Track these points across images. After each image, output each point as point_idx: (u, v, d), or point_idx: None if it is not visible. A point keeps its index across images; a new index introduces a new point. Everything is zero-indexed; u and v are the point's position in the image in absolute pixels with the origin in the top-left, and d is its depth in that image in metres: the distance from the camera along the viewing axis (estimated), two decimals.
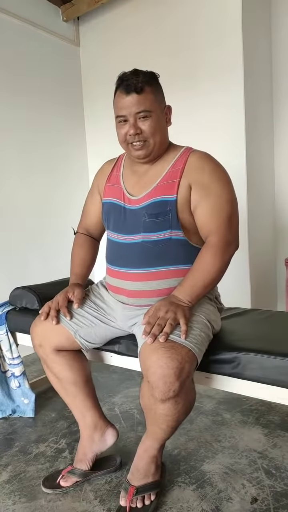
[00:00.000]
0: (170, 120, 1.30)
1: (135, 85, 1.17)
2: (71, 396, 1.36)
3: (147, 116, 1.19)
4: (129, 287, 1.28)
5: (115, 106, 1.24)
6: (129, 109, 1.19)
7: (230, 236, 1.19)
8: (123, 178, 1.34)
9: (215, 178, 1.21)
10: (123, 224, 1.29)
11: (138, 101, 1.18)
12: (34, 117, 2.76)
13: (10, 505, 1.29)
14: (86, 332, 1.31)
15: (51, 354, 1.31)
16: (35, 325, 1.33)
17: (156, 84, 1.24)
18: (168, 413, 1.06)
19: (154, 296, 1.25)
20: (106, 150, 1.36)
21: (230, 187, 1.23)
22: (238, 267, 2.51)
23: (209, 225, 1.19)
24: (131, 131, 1.20)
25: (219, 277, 1.20)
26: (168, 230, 1.21)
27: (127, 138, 1.23)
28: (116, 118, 1.24)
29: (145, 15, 2.75)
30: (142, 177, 1.29)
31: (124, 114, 1.20)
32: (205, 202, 1.19)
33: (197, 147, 1.30)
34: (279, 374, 1.10)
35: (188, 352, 1.03)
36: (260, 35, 2.58)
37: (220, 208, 1.19)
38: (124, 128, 1.22)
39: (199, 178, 1.20)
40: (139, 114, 1.19)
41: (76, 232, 1.53)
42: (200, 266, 1.18)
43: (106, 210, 1.36)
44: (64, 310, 1.29)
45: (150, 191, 1.25)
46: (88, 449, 1.38)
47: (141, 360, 1.08)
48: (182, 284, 1.18)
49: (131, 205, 1.28)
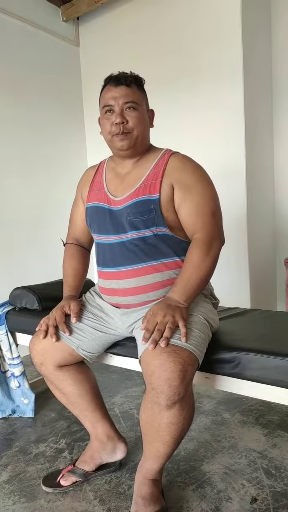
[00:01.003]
0: (153, 123, 1.35)
1: (124, 78, 1.23)
2: (79, 410, 1.35)
3: (133, 107, 1.23)
4: (123, 285, 1.27)
5: (102, 98, 1.27)
6: (117, 100, 1.22)
7: (215, 232, 1.22)
8: (106, 182, 1.35)
9: (197, 178, 1.24)
10: (109, 225, 1.29)
11: (126, 93, 1.22)
12: (34, 117, 2.77)
13: (10, 505, 1.29)
14: (88, 345, 1.30)
15: (54, 371, 1.29)
16: (34, 344, 1.29)
17: (142, 87, 1.30)
18: (173, 421, 1.04)
19: (149, 290, 1.25)
20: (106, 150, 1.36)
21: (211, 186, 1.26)
22: (238, 267, 2.51)
23: (195, 222, 1.22)
24: (117, 119, 1.22)
25: (210, 273, 1.21)
26: (153, 227, 1.23)
27: (112, 129, 1.25)
28: (103, 109, 1.26)
29: (145, 15, 2.75)
30: (124, 179, 1.31)
31: (112, 104, 1.23)
32: (189, 201, 1.22)
33: (196, 147, 1.32)
34: (279, 374, 1.10)
35: (190, 354, 1.03)
36: (260, 35, 2.58)
37: (204, 205, 1.22)
38: (110, 118, 1.24)
39: (182, 178, 1.23)
40: (126, 104, 1.22)
41: (65, 243, 1.51)
42: (191, 264, 1.19)
43: (90, 213, 1.36)
44: (62, 326, 1.26)
45: (133, 192, 1.26)
46: (97, 454, 1.38)
47: (143, 366, 1.06)
48: (176, 284, 1.18)
49: (115, 206, 1.29)
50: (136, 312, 1.28)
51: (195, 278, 1.17)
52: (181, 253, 1.26)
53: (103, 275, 1.35)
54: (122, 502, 1.26)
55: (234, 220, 2.44)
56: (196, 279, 1.17)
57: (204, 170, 1.28)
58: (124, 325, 1.31)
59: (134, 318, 1.28)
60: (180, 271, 1.21)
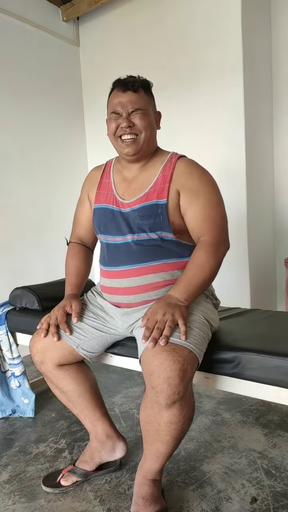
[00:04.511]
0: (159, 125, 1.36)
1: (132, 83, 1.24)
2: (79, 408, 1.35)
3: (140, 113, 1.25)
4: (125, 284, 1.28)
5: (110, 103, 1.30)
6: (125, 106, 1.24)
7: (222, 236, 1.23)
8: (115, 185, 1.36)
9: (204, 183, 1.26)
10: (116, 226, 1.30)
11: (133, 99, 1.24)
12: (34, 117, 2.76)
13: (10, 505, 1.29)
14: (88, 344, 1.30)
15: (54, 370, 1.29)
16: (34, 342, 1.29)
17: (150, 90, 1.31)
18: (173, 420, 1.04)
19: (150, 290, 1.26)
20: (106, 150, 1.37)
21: (217, 191, 1.28)
22: (238, 267, 2.51)
23: (201, 227, 1.23)
24: (123, 123, 1.24)
25: (213, 275, 1.21)
26: (159, 231, 1.25)
27: (118, 131, 1.26)
28: (110, 113, 1.28)
29: (145, 15, 2.75)
30: (131, 183, 1.32)
31: (119, 110, 1.25)
32: (196, 205, 1.23)
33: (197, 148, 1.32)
34: (279, 374, 1.10)
35: (190, 353, 1.03)
36: (260, 35, 2.58)
37: (210, 210, 1.23)
38: (117, 121, 1.26)
39: (188, 183, 1.25)
40: (133, 111, 1.24)
41: (69, 242, 1.52)
42: (195, 264, 1.19)
43: (97, 214, 1.37)
44: (63, 326, 1.26)
45: (142, 196, 1.28)
46: (96, 454, 1.38)
47: (143, 365, 1.07)
48: (178, 283, 1.19)
49: (124, 209, 1.30)
50: (137, 312, 1.28)
51: (198, 278, 1.17)
52: (184, 255, 1.28)
53: (106, 273, 1.35)
54: (122, 502, 1.27)
55: (234, 220, 2.44)
56: (199, 279, 1.18)
57: (210, 175, 1.29)
58: (125, 325, 1.31)
59: (134, 318, 1.28)
60: (184, 271, 1.21)
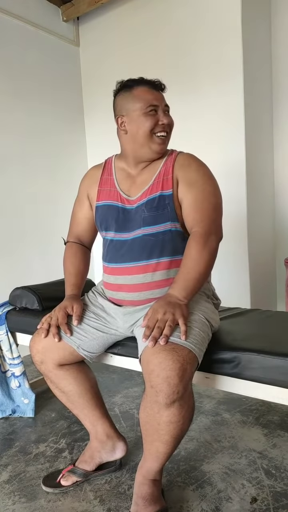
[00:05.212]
0: None
1: (160, 84, 1.30)
2: (79, 408, 1.35)
3: (168, 111, 1.31)
4: (130, 281, 1.28)
5: (141, 98, 1.26)
6: (161, 101, 1.28)
7: (213, 227, 1.23)
8: (118, 182, 1.35)
9: (201, 174, 1.28)
10: (122, 223, 1.30)
11: (163, 98, 1.31)
12: (34, 117, 2.76)
13: (10, 505, 1.29)
14: (89, 345, 1.30)
15: (54, 370, 1.29)
16: (34, 343, 1.29)
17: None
18: (172, 420, 1.04)
19: (154, 288, 1.26)
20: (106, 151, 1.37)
21: (213, 182, 1.29)
22: (238, 267, 2.51)
23: (194, 217, 1.23)
24: (164, 120, 1.26)
25: (208, 267, 1.21)
26: (168, 222, 1.26)
27: (156, 128, 1.27)
28: (146, 108, 1.25)
29: (145, 15, 2.75)
30: (136, 179, 1.33)
31: (157, 104, 1.27)
32: (190, 194, 1.25)
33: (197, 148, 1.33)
34: (279, 374, 1.10)
35: (189, 353, 1.03)
36: (260, 36, 2.58)
37: (203, 200, 1.24)
38: (154, 118, 1.26)
39: (186, 174, 1.27)
40: (166, 108, 1.30)
41: (66, 241, 1.51)
42: (189, 258, 1.19)
43: (100, 212, 1.36)
44: (64, 327, 1.26)
45: (147, 189, 1.29)
46: (96, 454, 1.38)
47: (143, 365, 1.07)
48: (175, 281, 1.19)
49: (130, 205, 1.30)
50: (139, 312, 1.28)
51: (194, 273, 1.17)
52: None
53: (109, 270, 1.35)
54: (122, 502, 1.27)
55: (234, 220, 2.45)
56: (194, 273, 1.17)
57: (207, 168, 1.31)
58: (126, 325, 1.31)
59: (136, 318, 1.28)
60: (180, 267, 1.21)
